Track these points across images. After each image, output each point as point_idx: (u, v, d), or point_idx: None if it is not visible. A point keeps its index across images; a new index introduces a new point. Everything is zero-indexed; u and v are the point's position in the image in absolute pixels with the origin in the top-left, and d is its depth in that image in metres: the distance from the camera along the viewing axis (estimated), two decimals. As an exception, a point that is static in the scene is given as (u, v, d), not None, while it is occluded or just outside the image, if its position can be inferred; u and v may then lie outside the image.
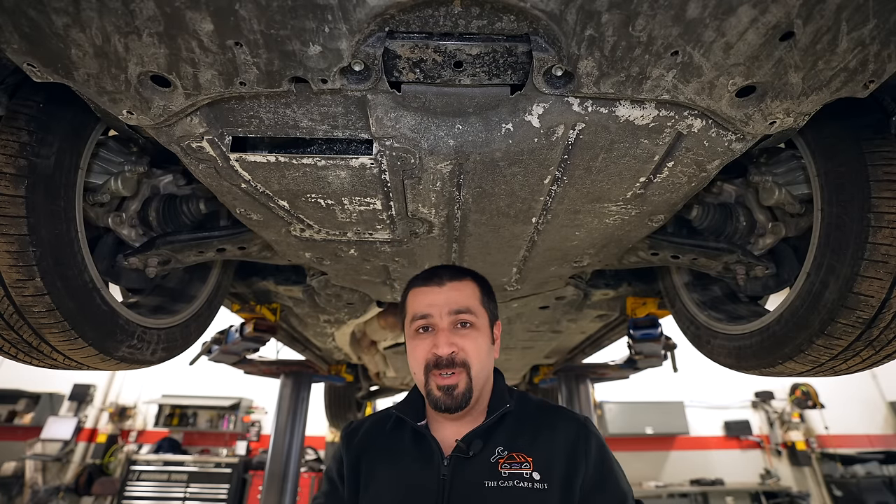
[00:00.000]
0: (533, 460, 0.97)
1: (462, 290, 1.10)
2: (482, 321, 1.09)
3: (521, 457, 0.98)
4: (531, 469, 0.96)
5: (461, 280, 1.12)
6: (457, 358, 1.02)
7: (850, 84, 0.75)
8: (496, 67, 0.75)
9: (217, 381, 8.03)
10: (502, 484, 0.94)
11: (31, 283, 1.00)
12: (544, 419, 1.07)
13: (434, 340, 1.04)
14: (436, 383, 1.02)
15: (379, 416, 1.18)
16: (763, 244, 1.41)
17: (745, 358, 1.40)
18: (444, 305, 1.06)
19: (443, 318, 1.06)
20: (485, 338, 1.08)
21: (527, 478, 0.95)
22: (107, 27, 0.65)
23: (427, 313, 1.07)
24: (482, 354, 1.06)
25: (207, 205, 1.49)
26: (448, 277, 1.11)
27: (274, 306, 2.39)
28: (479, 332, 1.07)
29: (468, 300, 1.09)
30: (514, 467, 0.96)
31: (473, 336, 1.06)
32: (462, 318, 1.06)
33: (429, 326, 1.07)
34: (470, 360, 1.03)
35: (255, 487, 7.40)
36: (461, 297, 1.08)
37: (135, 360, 1.36)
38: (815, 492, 8.16)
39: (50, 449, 7.59)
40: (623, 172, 1.01)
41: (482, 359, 1.06)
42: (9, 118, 0.95)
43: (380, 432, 1.12)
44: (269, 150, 0.95)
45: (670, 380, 5.59)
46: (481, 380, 1.06)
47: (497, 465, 0.97)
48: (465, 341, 1.04)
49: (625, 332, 2.39)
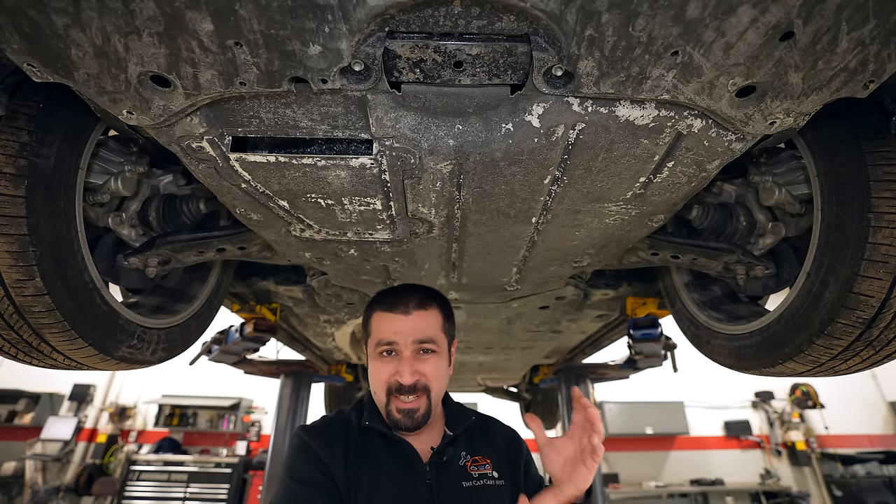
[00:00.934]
0: (491, 462, 1.14)
1: (426, 319, 1.15)
2: (442, 346, 1.17)
3: (482, 459, 1.15)
4: (491, 469, 1.13)
5: (426, 309, 1.16)
6: (419, 384, 1.09)
7: (850, 84, 0.75)
8: (496, 67, 0.75)
9: (217, 381, 8.04)
10: (476, 484, 1.09)
11: (31, 283, 1.00)
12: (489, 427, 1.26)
13: (398, 367, 1.10)
14: (396, 406, 1.09)
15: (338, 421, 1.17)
16: (763, 244, 1.41)
17: (745, 358, 1.40)
18: (410, 335, 1.11)
19: (407, 347, 1.11)
20: (444, 361, 1.18)
21: (490, 476, 1.12)
22: (107, 27, 0.65)
23: (392, 340, 1.12)
24: (441, 378, 1.15)
25: (207, 205, 1.49)
26: (414, 305, 1.15)
27: (274, 306, 2.39)
28: (439, 358, 1.15)
29: (432, 329, 1.15)
30: (480, 469, 1.12)
31: (434, 362, 1.13)
32: (425, 347, 1.13)
33: (392, 351, 1.12)
34: (430, 384, 1.12)
35: (255, 487, 7.40)
36: (425, 327, 1.14)
37: (135, 360, 1.36)
38: (815, 492, 8.16)
39: (50, 449, 7.59)
40: (623, 172, 1.01)
41: (440, 382, 1.16)
42: (9, 118, 0.95)
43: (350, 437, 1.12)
44: (269, 150, 0.95)
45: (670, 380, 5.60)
46: (438, 397, 1.17)
47: (466, 467, 1.12)
48: (426, 367, 1.11)
49: (625, 332, 2.39)
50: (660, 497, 7.93)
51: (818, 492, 8.16)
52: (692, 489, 7.98)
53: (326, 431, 1.13)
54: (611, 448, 8.30)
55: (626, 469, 8.26)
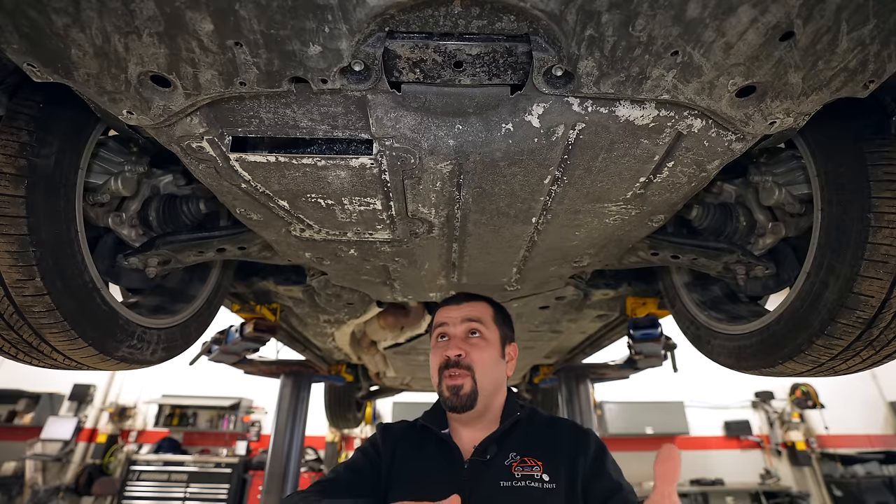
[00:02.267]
0: (543, 464, 1.08)
1: (476, 307, 1.29)
2: (492, 335, 1.25)
3: (532, 461, 1.09)
4: (541, 471, 1.07)
5: (477, 301, 1.32)
6: (462, 361, 1.17)
7: (850, 84, 0.75)
8: (496, 67, 0.75)
9: (217, 381, 8.03)
10: (516, 484, 1.05)
11: (31, 283, 1.00)
12: (552, 428, 1.20)
13: (447, 345, 1.22)
14: (445, 384, 1.17)
15: (408, 423, 1.32)
16: (763, 244, 1.41)
17: (745, 358, 1.40)
18: (458, 317, 1.26)
19: (456, 327, 1.25)
20: (493, 350, 1.23)
21: (537, 479, 1.05)
22: (107, 27, 0.65)
23: (444, 322, 1.27)
24: (488, 363, 1.19)
25: (207, 205, 1.49)
26: (465, 299, 1.32)
27: (274, 306, 2.39)
28: (487, 344, 1.22)
29: (480, 314, 1.27)
30: (526, 470, 1.07)
31: (482, 346, 1.21)
32: (472, 327, 1.23)
33: (445, 334, 1.26)
34: (475, 365, 1.17)
35: (255, 487, 7.41)
36: (473, 311, 1.27)
37: (135, 360, 1.36)
38: (815, 492, 8.16)
39: (50, 449, 7.59)
40: (623, 172, 1.01)
41: (487, 367, 1.19)
42: (9, 118, 0.95)
43: (410, 436, 1.24)
44: (269, 150, 0.95)
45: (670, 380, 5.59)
46: (487, 386, 1.17)
47: (511, 467, 1.08)
48: (472, 349, 1.20)
49: (625, 332, 2.39)
50: (660, 497, 7.92)
51: (818, 492, 8.16)
52: (692, 489, 7.97)
53: (393, 428, 1.28)
54: (611, 448, 8.23)
55: (627, 469, 8.03)
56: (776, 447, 8.61)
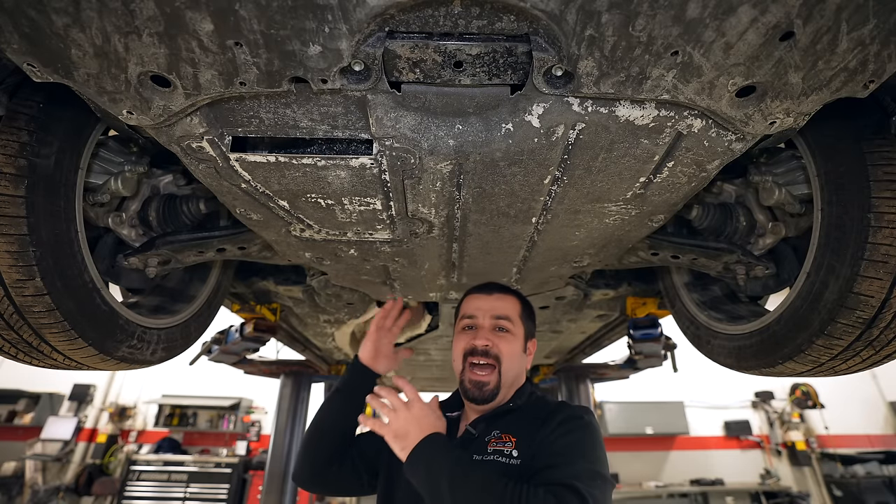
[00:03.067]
0: (517, 441, 1.11)
1: (505, 301, 1.30)
2: (518, 331, 1.27)
3: (507, 437, 1.13)
4: (512, 447, 1.10)
5: (507, 294, 1.33)
6: (490, 350, 1.20)
7: (850, 84, 0.75)
8: (496, 67, 0.75)
9: (217, 381, 8.03)
10: (485, 458, 1.10)
11: (31, 283, 1.00)
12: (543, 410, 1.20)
13: (475, 335, 1.25)
14: (469, 377, 1.20)
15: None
16: (763, 244, 1.41)
17: (745, 358, 1.40)
18: (489, 310, 1.27)
19: (485, 320, 1.26)
20: (518, 344, 1.26)
21: (506, 454, 1.10)
22: (107, 27, 0.65)
23: (473, 314, 1.29)
24: (513, 357, 1.23)
25: (207, 205, 1.49)
26: (496, 290, 1.34)
27: (274, 306, 2.39)
28: (514, 338, 1.25)
29: (509, 310, 1.28)
30: (499, 445, 1.12)
31: (508, 339, 1.24)
32: (501, 324, 1.25)
33: (473, 325, 1.28)
34: (502, 356, 1.20)
35: (255, 487, 7.40)
36: (503, 307, 1.28)
37: (135, 360, 1.36)
38: (815, 492, 8.16)
39: (50, 449, 7.58)
40: (623, 172, 1.01)
41: (513, 360, 1.22)
42: (9, 118, 0.95)
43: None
44: (269, 150, 0.95)
45: (670, 380, 5.60)
46: (509, 378, 1.21)
47: (488, 443, 1.13)
48: (500, 341, 1.23)
49: (625, 332, 2.39)
50: (660, 497, 7.93)
51: (818, 492, 8.16)
52: (692, 489, 7.97)
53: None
54: (611, 448, 8.29)
55: (626, 469, 8.26)
56: (776, 447, 8.61)
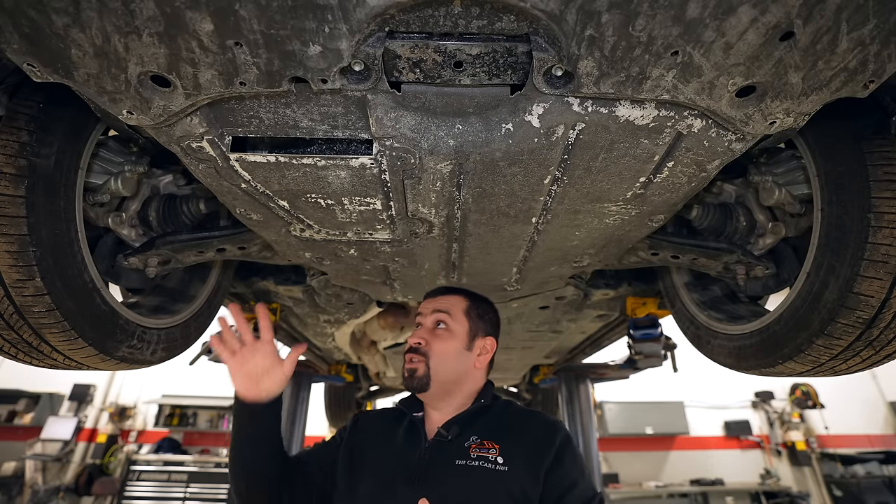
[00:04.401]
0: (500, 447, 1.12)
1: (448, 300, 1.33)
2: (458, 327, 1.28)
3: (489, 443, 1.14)
4: (497, 454, 1.11)
5: (452, 294, 1.36)
6: (420, 348, 1.24)
7: (850, 84, 0.75)
8: (496, 67, 0.75)
9: (217, 381, 8.01)
10: (470, 463, 1.10)
11: (31, 283, 1.00)
12: (519, 417, 1.24)
13: (413, 334, 1.29)
14: (405, 366, 1.25)
15: (382, 410, 1.40)
16: (763, 244, 1.41)
17: (745, 358, 1.40)
18: (431, 308, 1.32)
19: (427, 318, 1.31)
20: (455, 341, 1.27)
21: (491, 460, 1.10)
22: (107, 27, 0.65)
23: (420, 312, 1.35)
24: (447, 353, 1.24)
25: (207, 205, 1.49)
26: (442, 292, 1.38)
27: (274, 306, 2.39)
28: (450, 335, 1.27)
29: (449, 306, 1.31)
30: (482, 451, 1.12)
31: (444, 337, 1.26)
32: (438, 318, 1.28)
33: (419, 324, 1.32)
34: (431, 353, 1.23)
35: (255, 487, 7.38)
36: (444, 304, 1.32)
37: (135, 360, 1.36)
38: (815, 492, 8.16)
39: (50, 449, 7.58)
40: (623, 172, 1.01)
41: (446, 356, 1.24)
42: (9, 118, 0.95)
43: (382, 421, 1.31)
44: (269, 150, 0.95)
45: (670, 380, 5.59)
46: (442, 373, 1.22)
47: (469, 448, 1.13)
48: (433, 338, 1.26)
49: (625, 332, 2.39)
50: (660, 497, 7.92)
51: (818, 492, 8.15)
52: (692, 489, 7.97)
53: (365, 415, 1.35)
54: (611, 448, 8.31)
55: (626, 469, 8.25)
56: (776, 447, 8.61)
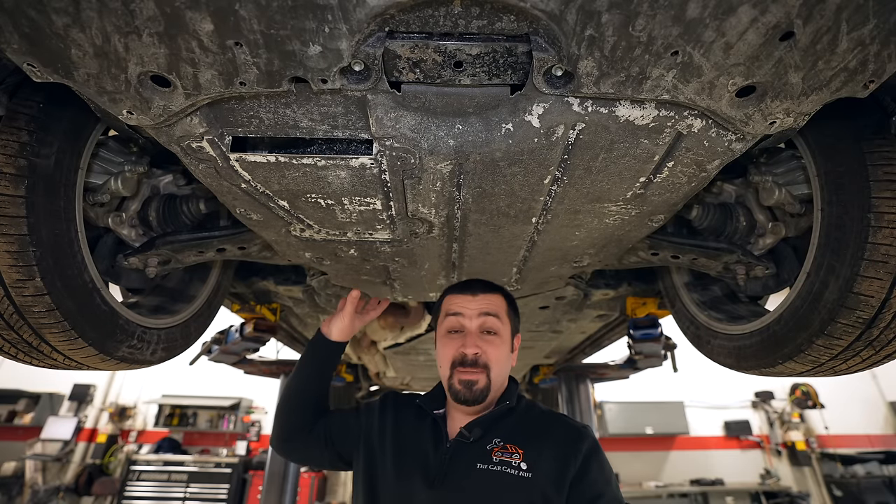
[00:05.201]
0: (524, 453, 1.09)
1: (492, 301, 1.25)
2: (505, 331, 1.24)
3: (513, 448, 1.10)
4: (520, 459, 1.08)
5: (492, 293, 1.28)
6: (480, 360, 1.17)
7: (850, 84, 0.75)
8: (496, 67, 0.75)
9: (217, 381, 8.03)
10: (492, 468, 1.07)
11: (31, 283, 0.99)
12: (544, 422, 1.19)
13: (463, 341, 1.19)
14: (458, 378, 1.16)
15: (408, 397, 1.35)
16: (763, 244, 1.41)
17: (745, 358, 1.40)
18: (475, 310, 1.22)
19: (472, 321, 1.21)
20: (506, 346, 1.23)
21: (514, 466, 1.07)
22: (107, 27, 0.65)
23: (459, 312, 1.23)
24: (502, 360, 1.20)
25: (207, 205, 1.49)
26: (480, 289, 1.28)
27: (274, 306, 2.39)
28: (501, 341, 1.22)
29: (496, 309, 1.24)
30: (505, 456, 1.09)
31: (497, 343, 1.21)
32: (489, 325, 1.21)
33: (460, 328, 1.22)
34: (491, 363, 1.17)
35: (255, 487, 7.40)
36: (490, 306, 1.24)
37: (135, 360, 1.36)
38: (815, 492, 8.16)
39: (50, 449, 7.58)
40: (623, 172, 1.01)
41: (501, 364, 1.20)
42: (9, 118, 0.95)
43: (408, 410, 1.28)
44: (269, 150, 0.95)
45: (670, 380, 5.60)
46: (498, 382, 1.19)
47: (491, 452, 1.10)
48: (489, 347, 1.19)
49: (625, 332, 2.39)
50: (660, 497, 7.93)
51: (818, 492, 8.15)
52: (692, 489, 7.97)
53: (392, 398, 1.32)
54: (611, 448, 8.30)
55: (626, 469, 8.25)
56: (776, 447, 8.61)
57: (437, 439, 1.17)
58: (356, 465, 1.23)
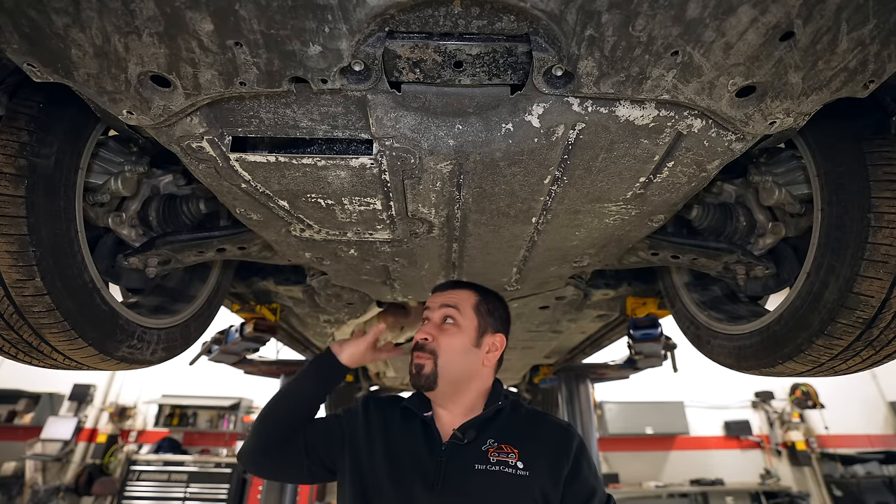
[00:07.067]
0: (519, 452, 1.12)
1: (457, 295, 1.31)
2: (467, 323, 1.25)
3: (508, 448, 1.13)
4: (516, 459, 1.10)
5: (462, 289, 1.34)
6: (427, 345, 1.22)
7: (850, 84, 0.75)
8: (496, 67, 0.75)
9: (217, 381, 8.02)
10: (490, 468, 1.09)
11: (31, 283, 0.99)
12: (532, 421, 1.23)
13: (420, 329, 1.26)
14: (412, 362, 1.23)
15: (391, 400, 1.34)
16: (763, 244, 1.41)
17: (745, 358, 1.40)
18: (439, 303, 1.30)
19: (434, 313, 1.28)
20: (462, 337, 1.24)
21: (511, 465, 1.09)
22: (107, 27, 0.65)
23: (427, 307, 1.32)
24: (454, 350, 1.22)
25: (207, 205, 1.49)
26: (451, 286, 1.35)
27: (274, 306, 2.39)
28: (459, 331, 1.24)
29: (458, 301, 1.28)
30: (502, 456, 1.11)
31: (451, 332, 1.24)
32: (447, 314, 1.26)
33: (427, 319, 1.29)
34: (440, 350, 1.20)
35: (255, 487, 7.40)
36: (453, 299, 1.29)
37: (135, 360, 1.36)
38: (815, 492, 8.16)
39: (50, 449, 7.58)
40: (623, 172, 1.01)
41: (453, 353, 1.21)
42: (9, 118, 0.95)
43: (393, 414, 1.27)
44: (269, 150, 0.95)
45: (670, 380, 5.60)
46: (450, 370, 1.20)
47: (487, 452, 1.12)
48: (441, 334, 1.23)
49: (625, 332, 2.39)
50: (660, 497, 7.93)
51: (818, 492, 8.16)
52: (692, 489, 7.97)
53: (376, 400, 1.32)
54: (611, 448, 8.31)
55: (626, 469, 8.26)
56: (776, 447, 8.61)
57: (431, 442, 1.16)
58: (341, 473, 1.19)
